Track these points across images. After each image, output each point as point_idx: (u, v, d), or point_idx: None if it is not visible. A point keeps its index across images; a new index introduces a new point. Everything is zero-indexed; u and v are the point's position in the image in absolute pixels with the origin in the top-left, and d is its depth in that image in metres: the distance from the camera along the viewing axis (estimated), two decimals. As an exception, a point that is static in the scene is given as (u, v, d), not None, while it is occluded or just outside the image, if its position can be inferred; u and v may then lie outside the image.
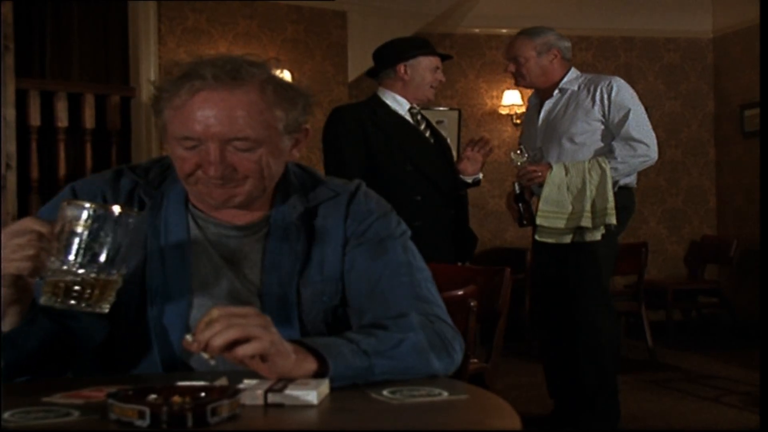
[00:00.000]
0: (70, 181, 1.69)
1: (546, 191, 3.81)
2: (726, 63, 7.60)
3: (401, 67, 3.76)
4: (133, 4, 5.91)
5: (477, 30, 7.45)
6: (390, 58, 3.80)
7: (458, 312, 2.50)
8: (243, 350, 1.25)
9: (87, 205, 1.28)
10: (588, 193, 3.77)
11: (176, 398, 1.13)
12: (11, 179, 5.14)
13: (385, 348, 1.39)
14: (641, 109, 3.87)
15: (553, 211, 3.81)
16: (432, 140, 3.83)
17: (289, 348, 1.30)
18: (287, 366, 1.29)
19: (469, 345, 2.65)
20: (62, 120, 5.54)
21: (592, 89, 3.89)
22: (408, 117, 3.80)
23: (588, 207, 3.77)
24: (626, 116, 3.80)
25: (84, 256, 1.27)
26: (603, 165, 3.78)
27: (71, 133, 5.67)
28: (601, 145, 3.87)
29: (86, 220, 1.27)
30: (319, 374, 1.31)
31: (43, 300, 1.28)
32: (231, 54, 1.53)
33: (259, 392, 1.22)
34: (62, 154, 5.57)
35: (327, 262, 1.60)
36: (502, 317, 2.84)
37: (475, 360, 2.92)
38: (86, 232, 1.27)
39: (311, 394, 1.21)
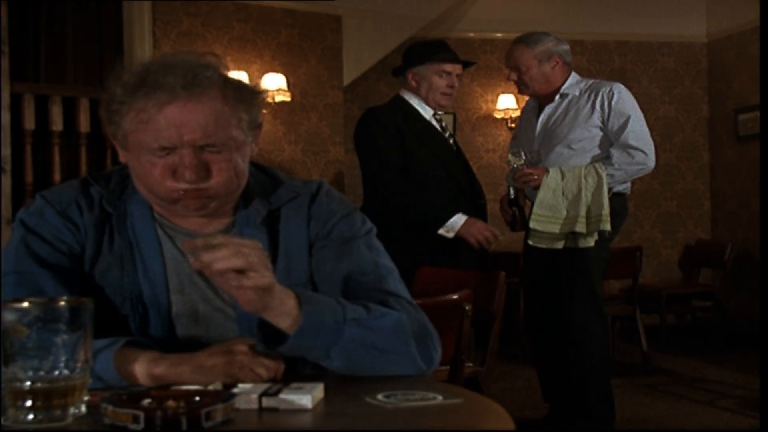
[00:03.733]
0: (64, 186, 1.68)
1: (541, 195, 3.80)
2: (720, 67, 7.62)
3: (410, 74, 3.82)
4: (127, 7, 5.91)
5: (472, 34, 7.46)
6: (405, 63, 3.86)
7: (453, 316, 2.51)
8: (246, 280, 1.28)
9: (25, 305, 1.14)
10: (583, 198, 3.76)
11: (170, 402, 1.12)
12: (6, 183, 5.14)
13: (365, 317, 1.42)
14: (641, 116, 3.86)
15: (547, 216, 3.80)
16: (455, 148, 3.90)
17: (279, 289, 1.34)
18: (273, 303, 1.33)
19: (464, 349, 2.65)
20: (57, 124, 5.53)
21: (592, 95, 3.87)
22: (433, 122, 3.85)
23: (583, 212, 3.75)
24: (626, 123, 3.79)
25: (35, 360, 1.13)
26: (600, 171, 3.77)
27: (66, 136, 5.66)
28: (599, 152, 3.86)
29: (28, 323, 1.13)
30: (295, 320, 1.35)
31: (4, 420, 1.14)
32: (174, 53, 1.54)
33: (254, 396, 1.22)
34: (57, 158, 5.56)
35: (293, 265, 1.60)
36: (496, 321, 2.85)
37: (470, 364, 2.92)
38: (33, 335, 1.13)
39: (306, 398, 1.22)
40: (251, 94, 1.54)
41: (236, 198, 1.59)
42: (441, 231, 3.69)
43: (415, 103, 3.85)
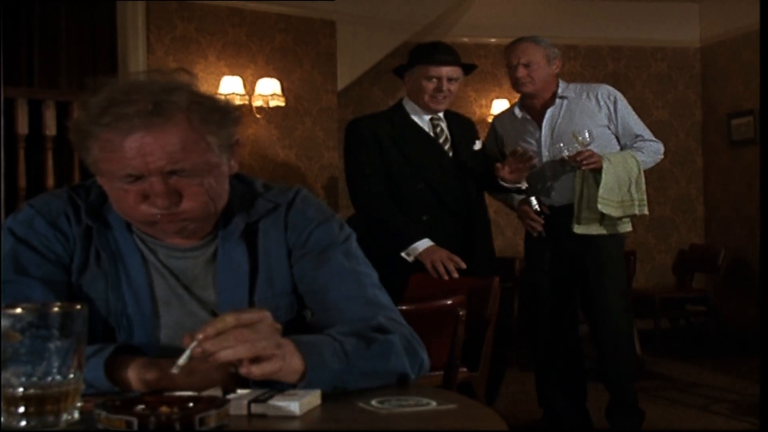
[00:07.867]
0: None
1: (605, 179, 3.82)
2: (713, 72, 7.64)
3: (405, 78, 3.78)
4: (121, 12, 5.90)
5: (466, 39, 7.46)
6: (403, 66, 3.81)
7: (447, 321, 2.51)
8: (255, 369, 1.24)
9: (19, 311, 1.14)
10: (633, 183, 3.87)
11: (164, 408, 1.12)
12: (-1, 188, 5.12)
13: (364, 350, 1.40)
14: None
15: (609, 200, 3.84)
16: (450, 153, 3.78)
17: (286, 350, 1.30)
18: (276, 367, 1.29)
19: (458, 354, 2.66)
20: (50, 128, 5.52)
21: (591, 95, 4.01)
22: (427, 127, 3.75)
23: (636, 196, 3.88)
24: (633, 121, 4.01)
25: (28, 366, 1.12)
26: (636, 157, 3.91)
27: (59, 141, 5.64)
28: (608, 147, 3.94)
29: (21, 329, 1.12)
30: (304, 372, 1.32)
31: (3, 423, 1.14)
32: (145, 73, 1.51)
33: (243, 402, 1.22)
34: (50, 163, 5.54)
35: (275, 277, 1.60)
36: (490, 326, 2.85)
37: (464, 369, 2.92)
38: (26, 341, 1.12)
39: (293, 405, 1.21)
40: (221, 115, 1.50)
41: (217, 217, 1.58)
42: (402, 254, 3.52)
43: (410, 108, 3.77)
